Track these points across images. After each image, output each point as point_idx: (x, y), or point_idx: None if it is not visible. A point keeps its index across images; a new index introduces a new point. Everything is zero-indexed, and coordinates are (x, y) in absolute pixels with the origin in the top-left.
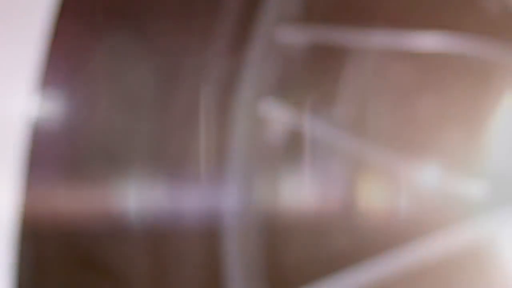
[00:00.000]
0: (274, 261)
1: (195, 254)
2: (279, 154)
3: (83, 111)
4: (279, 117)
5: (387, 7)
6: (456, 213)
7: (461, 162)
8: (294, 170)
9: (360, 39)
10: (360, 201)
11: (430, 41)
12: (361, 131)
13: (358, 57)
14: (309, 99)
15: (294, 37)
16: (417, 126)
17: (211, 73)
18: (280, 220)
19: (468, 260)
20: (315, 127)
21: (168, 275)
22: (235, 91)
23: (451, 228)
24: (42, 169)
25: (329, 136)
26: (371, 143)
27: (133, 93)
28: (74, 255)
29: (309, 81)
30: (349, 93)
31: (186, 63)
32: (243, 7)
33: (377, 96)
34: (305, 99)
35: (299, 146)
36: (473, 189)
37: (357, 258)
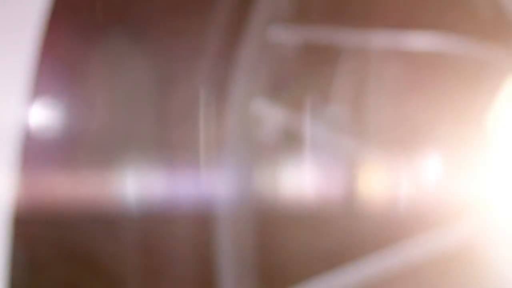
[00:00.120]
0: (267, 250)
1: (189, 244)
2: (273, 148)
3: (79, 109)
4: (271, 115)
5: (380, 7)
6: (454, 210)
7: (457, 160)
8: (287, 163)
9: (353, 39)
10: (354, 195)
11: (423, 41)
12: (353, 130)
13: (351, 57)
14: (301, 98)
15: (286, 37)
16: (409, 125)
17: (204, 72)
18: (274, 211)
19: (463, 257)
20: (308, 126)
21: (161, 265)
22: (228, 90)
23: (448, 225)
24: (37, 161)
25: (322, 134)
26: (363, 141)
27: (127, 90)
28: (68, 251)
29: (302, 80)
30: (342, 92)
31: (180, 63)
32: (236, 7)
33: (369, 95)
34: (297, 98)
35: (292, 142)
36: (469, 186)
37: (351, 251)
